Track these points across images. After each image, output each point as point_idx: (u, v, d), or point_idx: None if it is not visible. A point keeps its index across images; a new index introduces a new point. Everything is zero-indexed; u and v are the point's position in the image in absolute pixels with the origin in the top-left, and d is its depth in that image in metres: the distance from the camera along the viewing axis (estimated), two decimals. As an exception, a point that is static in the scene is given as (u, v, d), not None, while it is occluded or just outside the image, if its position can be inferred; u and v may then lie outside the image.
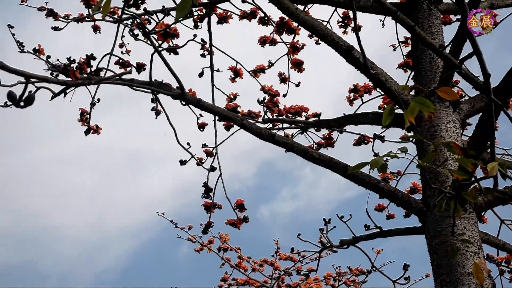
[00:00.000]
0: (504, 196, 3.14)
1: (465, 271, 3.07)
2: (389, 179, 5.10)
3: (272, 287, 8.89)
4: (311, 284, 7.16)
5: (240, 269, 8.95)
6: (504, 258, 5.06)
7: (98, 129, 4.74)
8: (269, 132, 3.65)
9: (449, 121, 3.56)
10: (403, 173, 4.97)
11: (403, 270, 4.60)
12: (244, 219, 4.60)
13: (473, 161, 2.26)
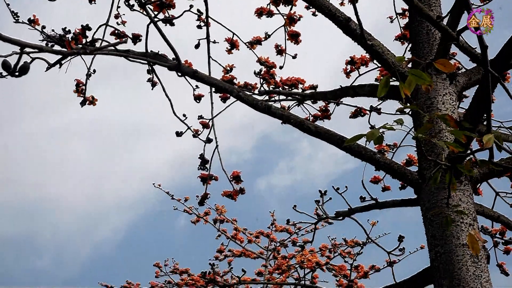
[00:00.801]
0: (500, 169, 3.15)
1: (460, 242, 3.09)
2: (385, 151, 5.10)
3: (268, 258, 8.95)
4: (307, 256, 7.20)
5: (236, 241, 9.00)
6: (498, 230, 5.09)
7: (94, 100, 4.72)
8: (265, 104, 3.64)
9: (445, 93, 3.55)
10: (399, 146, 4.97)
11: (398, 241, 4.64)
12: (240, 190, 4.61)
13: (467, 133, 2.26)
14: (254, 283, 8.12)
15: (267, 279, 8.33)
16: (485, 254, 3.19)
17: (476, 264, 3.05)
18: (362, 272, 7.68)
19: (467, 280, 3.00)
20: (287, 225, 8.88)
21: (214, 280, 5.22)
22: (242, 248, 9.13)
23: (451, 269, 3.05)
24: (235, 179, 4.60)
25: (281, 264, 8.05)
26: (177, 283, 9.60)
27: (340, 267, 7.90)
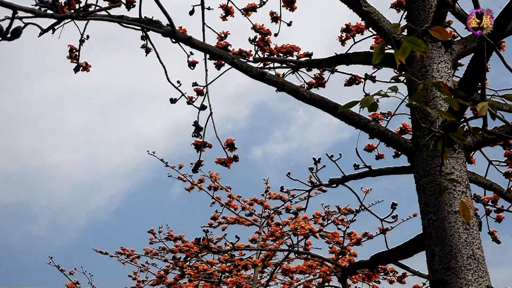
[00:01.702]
0: (493, 137, 3.16)
1: (452, 210, 3.11)
2: (379, 119, 5.11)
3: (262, 225, 9.01)
4: (300, 223, 7.25)
5: (230, 208, 9.05)
6: (491, 198, 5.13)
7: (87, 67, 4.70)
8: (260, 71, 3.63)
9: (440, 61, 3.54)
10: (393, 114, 4.97)
11: (391, 208, 4.67)
12: (234, 158, 4.61)
13: (460, 101, 2.26)
14: (247, 249, 8.17)
15: (260, 245, 8.39)
16: (477, 222, 3.21)
17: (468, 231, 3.08)
18: (355, 239, 7.75)
19: (459, 246, 3.02)
20: (281, 193, 8.92)
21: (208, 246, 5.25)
22: (236, 215, 9.18)
23: (443, 236, 3.08)
24: (229, 147, 4.61)
25: (274, 231, 8.11)
26: (171, 249, 9.66)
27: (333, 234, 7.96)
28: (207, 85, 4.46)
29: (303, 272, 7.73)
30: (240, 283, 8.57)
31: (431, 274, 3.13)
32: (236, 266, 8.19)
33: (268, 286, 8.70)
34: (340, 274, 5.00)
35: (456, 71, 4.45)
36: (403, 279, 7.63)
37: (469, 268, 2.98)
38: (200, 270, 8.42)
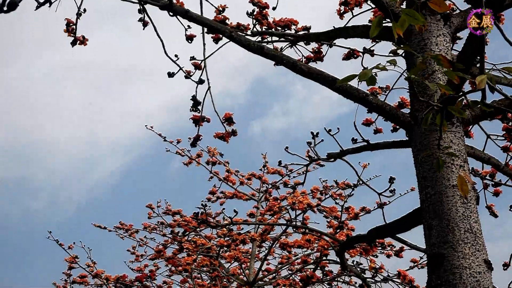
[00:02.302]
0: (491, 110, 3.15)
1: (450, 184, 3.11)
2: (378, 94, 5.09)
3: (260, 200, 9.03)
4: (298, 197, 7.26)
5: (228, 183, 9.06)
6: (488, 172, 5.13)
7: (84, 40, 4.67)
8: (258, 44, 3.61)
9: (439, 34, 3.52)
10: (391, 88, 4.96)
11: (389, 183, 4.67)
12: (232, 132, 4.61)
13: (460, 74, 2.25)
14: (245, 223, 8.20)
15: (258, 220, 8.42)
16: (475, 195, 3.22)
17: (466, 205, 3.08)
18: (352, 214, 7.78)
19: (456, 220, 3.03)
20: (278, 167, 8.92)
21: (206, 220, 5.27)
22: (234, 190, 9.20)
23: (440, 210, 3.08)
24: (227, 121, 4.60)
25: (272, 205, 8.13)
26: (169, 224, 9.69)
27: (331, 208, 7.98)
28: (205, 59, 4.44)
29: (301, 246, 7.77)
30: (239, 257, 8.61)
31: (428, 247, 3.14)
32: (234, 241, 8.23)
33: (266, 260, 8.75)
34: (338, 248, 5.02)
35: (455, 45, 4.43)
36: (401, 253, 7.67)
37: (466, 241, 2.99)
38: (198, 244, 8.46)
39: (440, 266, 2.98)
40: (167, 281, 10.12)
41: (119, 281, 9.67)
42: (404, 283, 7.11)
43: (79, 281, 9.77)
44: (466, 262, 2.94)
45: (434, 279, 3.00)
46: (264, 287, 9.61)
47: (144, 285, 9.88)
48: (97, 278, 9.66)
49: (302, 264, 8.14)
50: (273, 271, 9.08)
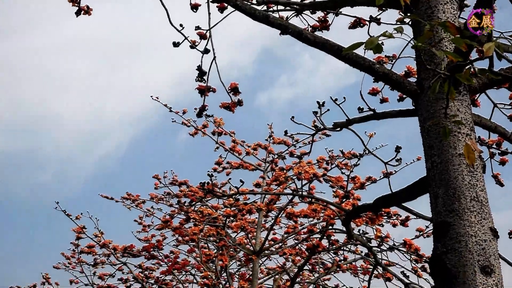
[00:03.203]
0: (499, 78, 3.13)
1: (456, 152, 3.10)
2: (384, 63, 5.06)
3: (266, 170, 9.05)
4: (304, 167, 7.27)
5: (234, 153, 9.08)
6: (495, 141, 5.12)
7: (89, 10, 4.64)
8: (264, 13, 3.58)
9: (446, 2, 3.48)
10: (398, 57, 4.92)
11: (395, 152, 4.67)
12: (238, 102, 4.60)
13: (467, 41, 2.23)
14: (252, 193, 8.22)
15: (264, 190, 8.44)
16: (481, 164, 3.21)
17: (472, 173, 3.08)
18: (358, 183, 7.79)
19: (463, 189, 3.03)
20: (284, 137, 8.93)
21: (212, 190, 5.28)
22: (240, 160, 9.21)
23: (447, 178, 3.08)
24: (233, 91, 4.59)
25: (278, 175, 8.14)
26: (176, 194, 9.74)
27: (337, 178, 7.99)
28: (210, 28, 4.41)
29: (307, 216, 7.80)
30: (245, 227, 8.66)
31: (434, 216, 3.14)
32: (241, 211, 8.26)
33: (272, 230, 8.80)
34: (344, 217, 5.04)
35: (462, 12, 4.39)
36: (406, 222, 7.70)
37: (472, 210, 2.99)
38: (204, 214, 8.50)
39: (446, 234, 2.99)
40: (174, 250, 10.21)
41: (126, 251, 9.76)
42: (409, 252, 7.15)
43: (87, 251, 9.86)
44: (472, 230, 2.94)
45: (440, 247, 3.01)
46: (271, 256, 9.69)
47: (151, 255, 9.96)
48: (105, 248, 9.74)
49: (308, 233, 8.19)
50: (279, 240, 9.13)
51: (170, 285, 10.37)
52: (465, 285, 2.85)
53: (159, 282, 10.19)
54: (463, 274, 2.87)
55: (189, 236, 8.92)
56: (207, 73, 4.40)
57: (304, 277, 9.52)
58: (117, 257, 9.78)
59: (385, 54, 5.07)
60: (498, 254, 2.99)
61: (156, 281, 10.19)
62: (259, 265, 9.06)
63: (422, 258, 7.29)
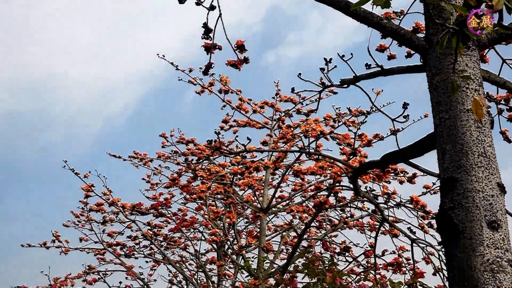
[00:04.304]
0: (508, 32, 3.09)
1: (465, 108, 3.09)
2: (392, 18, 5.01)
3: (273, 128, 9.05)
4: (311, 125, 7.27)
5: (241, 111, 9.07)
6: (503, 97, 5.09)
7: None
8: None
9: (456, -45, 3.43)
10: (406, 12, 4.86)
11: (403, 108, 4.64)
12: (244, 59, 4.57)
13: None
14: (259, 151, 8.25)
15: (271, 148, 8.45)
16: (489, 120, 3.19)
17: (480, 129, 3.07)
18: (365, 141, 7.79)
19: (470, 144, 3.02)
20: (291, 95, 8.91)
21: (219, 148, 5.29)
22: (247, 118, 9.20)
23: (454, 134, 3.07)
24: (239, 48, 4.56)
25: (285, 133, 8.15)
26: (183, 152, 9.77)
27: (344, 135, 8.00)
28: (216, -16, 4.35)
29: (314, 173, 7.82)
30: (252, 184, 8.70)
31: (441, 172, 3.14)
32: (248, 168, 8.29)
33: (279, 187, 8.84)
34: (351, 174, 5.05)
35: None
36: (413, 179, 7.71)
37: (480, 165, 2.99)
38: (212, 172, 8.54)
39: (453, 190, 3.00)
40: (182, 208, 10.30)
41: (135, 209, 9.85)
42: (416, 208, 7.18)
43: (96, 209, 9.95)
44: (479, 185, 2.95)
45: (447, 202, 3.01)
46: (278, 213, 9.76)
47: (160, 213, 10.06)
48: (113, 206, 9.83)
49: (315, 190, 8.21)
50: (287, 197, 9.19)
51: (178, 242, 10.48)
52: (472, 240, 2.86)
53: (167, 239, 10.31)
54: (470, 229, 2.88)
55: (196, 194, 8.97)
56: (213, 30, 4.36)
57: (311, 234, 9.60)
58: (125, 215, 9.88)
59: (393, 10, 5.01)
60: (505, 209, 3.00)
61: (164, 238, 10.30)
62: (266, 222, 9.13)
63: (428, 214, 7.32)
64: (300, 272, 4.28)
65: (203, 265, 10.17)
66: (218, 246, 10.13)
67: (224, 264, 10.12)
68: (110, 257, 10.46)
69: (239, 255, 9.27)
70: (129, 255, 10.46)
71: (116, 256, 10.27)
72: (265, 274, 8.13)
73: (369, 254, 8.45)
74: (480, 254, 2.83)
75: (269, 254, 8.53)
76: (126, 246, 10.44)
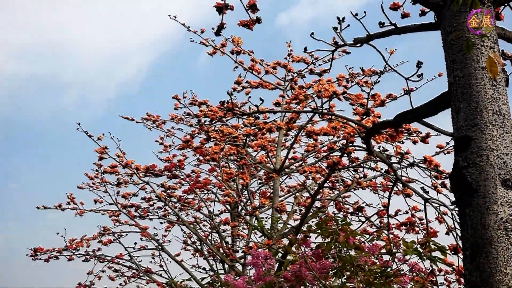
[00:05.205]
0: (525, -12, 3.05)
1: (479, 66, 3.06)
2: (406, -24, 4.93)
3: (285, 89, 9.02)
4: (324, 85, 7.23)
5: (253, 72, 9.02)
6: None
7: None
8: None
9: None
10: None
11: (416, 67, 4.59)
12: (256, 19, 4.54)
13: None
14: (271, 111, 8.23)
15: (284, 108, 8.43)
16: (504, 77, 3.16)
17: (495, 87, 3.04)
18: (379, 101, 7.75)
19: (485, 102, 3.00)
20: (304, 55, 8.85)
21: (232, 109, 5.28)
22: (260, 79, 9.17)
23: (469, 92, 3.05)
24: (251, 8, 4.52)
25: (298, 94, 8.12)
26: (196, 114, 9.77)
27: (357, 96, 7.96)
28: None
29: (327, 134, 7.80)
30: (265, 146, 8.71)
31: (455, 131, 3.13)
32: (261, 130, 8.29)
33: (292, 148, 8.85)
34: (364, 133, 5.03)
35: None
36: (427, 139, 7.68)
37: (494, 124, 2.98)
38: (225, 133, 8.55)
39: (467, 149, 2.99)
40: (196, 170, 10.35)
41: (148, 171, 9.90)
42: (430, 168, 7.17)
43: (110, 171, 10.02)
44: (493, 144, 2.93)
45: (460, 161, 3.01)
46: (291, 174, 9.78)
47: (173, 174, 10.11)
48: (127, 168, 9.89)
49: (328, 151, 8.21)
50: (300, 158, 9.20)
51: (192, 203, 10.56)
52: (486, 199, 2.86)
53: (181, 201, 10.38)
54: (483, 187, 2.88)
55: (210, 155, 9.00)
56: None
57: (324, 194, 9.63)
58: (139, 176, 9.94)
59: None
60: (520, 168, 2.98)
61: (178, 199, 10.37)
62: (279, 183, 9.16)
63: (442, 174, 7.32)
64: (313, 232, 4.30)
65: (217, 226, 10.25)
66: (232, 207, 10.21)
67: (238, 225, 10.20)
68: (125, 219, 10.57)
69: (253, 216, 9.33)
70: (143, 217, 10.55)
71: (131, 218, 10.36)
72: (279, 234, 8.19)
73: (382, 214, 8.48)
74: (494, 213, 2.83)
75: (282, 214, 8.58)
76: (140, 208, 10.53)
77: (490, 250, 2.78)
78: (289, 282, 4.22)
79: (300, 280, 4.18)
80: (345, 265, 4.09)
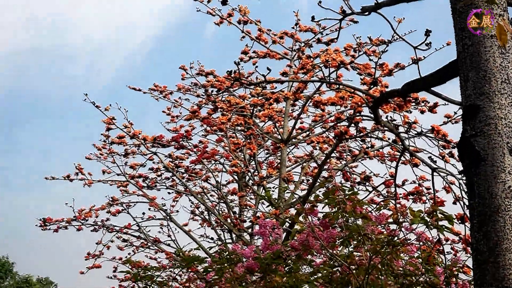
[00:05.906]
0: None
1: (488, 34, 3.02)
2: None
3: (293, 58, 8.97)
4: (331, 55, 7.18)
5: (260, 42, 8.97)
6: (528, 23, 4.97)
7: None
8: None
9: None
10: None
11: (425, 36, 4.54)
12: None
13: None
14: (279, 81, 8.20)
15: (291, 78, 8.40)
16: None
17: (504, 55, 3.02)
18: (387, 70, 7.71)
19: (494, 71, 2.98)
20: (311, 24, 8.78)
21: (239, 79, 5.26)
22: (267, 49, 9.12)
23: (478, 61, 3.03)
24: (258, -24, 4.48)
25: (305, 63, 8.06)
26: (203, 84, 9.76)
27: (364, 65, 7.90)
28: None
29: (334, 103, 7.78)
30: (272, 116, 8.70)
31: (464, 99, 3.11)
32: (268, 100, 8.26)
33: (299, 118, 8.84)
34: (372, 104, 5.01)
35: None
36: (434, 109, 7.64)
37: (503, 92, 2.96)
38: (232, 104, 8.53)
39: (475, 117, 2.97)
40: (203, 140, 10.36)
41: (156, 141, 9.92)
42: (437, 138, 7.15)
43: (118, 142, 10.03)
44: (502, 112, 2.92)
45: (468, 130, 3.00)
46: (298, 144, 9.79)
47: (181, 145, 10.13)
48: (135, 138, 9.90)
49: (335, 121, 8.20)
50: (307, 128, 9.19)
51: (200, 173, 10.59)
52: (494, 167, 2.85)
53: (189, 171, 10.42)
54: (491, 156, 2.87)
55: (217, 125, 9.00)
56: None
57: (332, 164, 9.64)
58: (147, 147, 9.96)
59: None
60: (528, 136, 2.97)
61: (186, 170, 10.41)
62: (287, 153, 9.18)
63: (449, 143, 7.30)
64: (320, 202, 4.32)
65: (224, 196, 10.30)
66: (239, 177, 10.24)
67: (245, 194, 10.24)
68: (133, 189, 10.62)
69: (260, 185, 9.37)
70: (151, 187, 10.60)
71: (139, 188, 10.41)
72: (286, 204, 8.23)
73: (389, 184, 8.48)
74: (502, 181, 2.82)
75: (289, 184, 8.60)
76: (148, 178, 10.57)
77: (498, 219, 2.78)
78: (296, 251, 4.24)
79: (307, 249, 4.20)
80: (352, 235, 4.10)
